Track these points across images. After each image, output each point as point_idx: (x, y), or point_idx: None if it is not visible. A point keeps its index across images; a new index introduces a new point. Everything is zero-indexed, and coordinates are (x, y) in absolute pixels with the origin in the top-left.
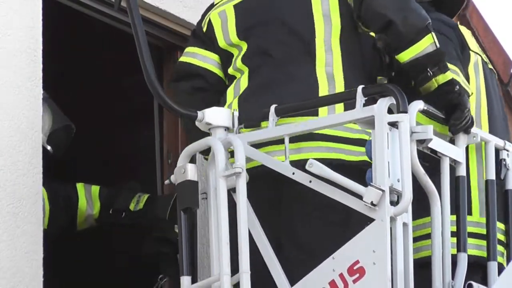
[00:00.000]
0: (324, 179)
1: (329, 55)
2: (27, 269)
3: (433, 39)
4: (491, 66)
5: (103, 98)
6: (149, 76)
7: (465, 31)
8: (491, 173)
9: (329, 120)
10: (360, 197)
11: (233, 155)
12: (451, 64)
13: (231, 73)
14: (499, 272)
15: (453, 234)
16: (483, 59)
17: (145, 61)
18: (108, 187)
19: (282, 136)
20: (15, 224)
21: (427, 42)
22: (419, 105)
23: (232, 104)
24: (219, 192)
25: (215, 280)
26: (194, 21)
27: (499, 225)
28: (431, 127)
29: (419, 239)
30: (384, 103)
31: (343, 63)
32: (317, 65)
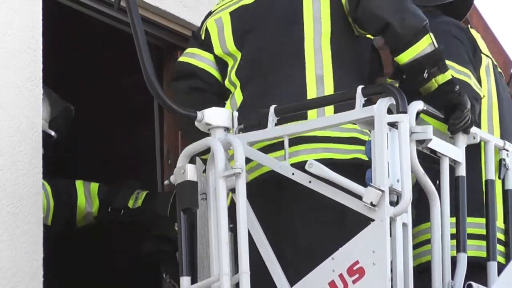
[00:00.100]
0: (323, 180)
1: (318, 57)
2: (27, 269)
3: (431, 40)
4: (500, 69)
5: (103, 98)
6: (149, 76)
7: (476, 34)
8: (491, 173)
9: (329, 120)
10: (359, 198)
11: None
12: (462, 67)
13: (227, 86)
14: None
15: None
16: (493, 62)
17: (145, 62)
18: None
19: (281, 136)
20: (15, 224)
21: (425, 43)
22: (418, 106)
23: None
24: (219, 192)
25: (215, 280)
26: (194, 21)
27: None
28: (430, 127)
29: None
30: (383, 103)
31: (333, 66)
32: (307, 68)
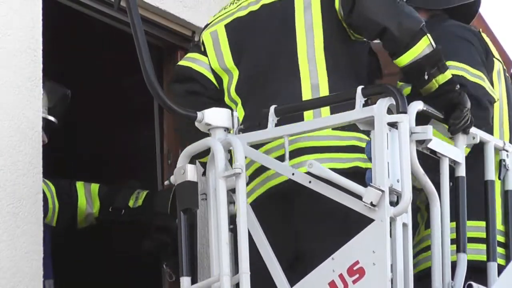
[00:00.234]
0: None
1: (312, 66)
2: (27, 269)
3: (429, 41)
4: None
5: (103, 98)
6: (149, 76)
7: (486, 38)
8: (491, 174)
9: (329, 120)
10: (359, 198)
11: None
12: (476, 69)
13: (227, 103)
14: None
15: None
16: (503, 66)
17: (145, 62)
18: (107, 185)
19: (281, 136)
20: (15, 224)
21: (423, 44)
22: (418, 106)
23: None
24: (219, 192)
25: (215, 280)
26: (194, 21)
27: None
28: (430, 128)
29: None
30: (383, 103)
31: (328, 73)
32: (302, 78)
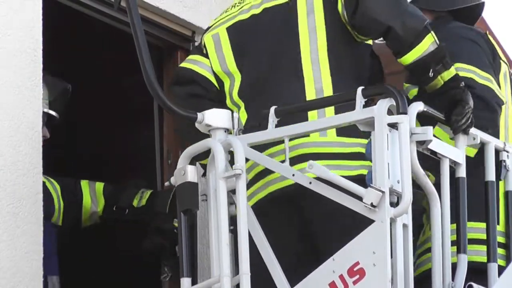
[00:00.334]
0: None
1: (316, 70)
2: (27, 269)
3: (434, 38)
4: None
5: (103, 98)
6: (149, 77)
7: (493, 40)
8: (491, 175)
9: (330, 121)
10: (360, 199)
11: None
12: (485, 72)
13: (229, 106)
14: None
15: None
16: (508, 68)
17: (145, 62)
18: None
19: (281, 137)
20: (15, 224)
21: (428, 42)
22: (418, 107)
23: None
24: (219, 193)
25: (215, 281)
26: (194, 21)
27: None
28: (430, 128)
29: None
30: (384, 104)
31: (332, 77)
32: (306, 82)
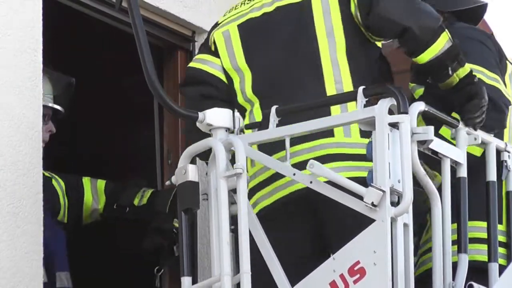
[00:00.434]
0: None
1: (336, 72)
2: (27, 269)
3: (448, 36)
4: None
5: (103, 98)
6: (150, 76)
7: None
8: (492, 175)
9: (330, 120)
10: (360, 198)
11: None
12: (492, 72)
13: (241, 103)
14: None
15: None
16: None
17: (146, 61)
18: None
19: (283, 137)
20: (15, 224)
21: (443, 40)
22: (419, 107)
23: None
24: (220, 192)
25: (216, 280)
26: (194, 21)
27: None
28: (431, 128)
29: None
30: (384, 104)
31: (352, 78)
32: (326, 84)
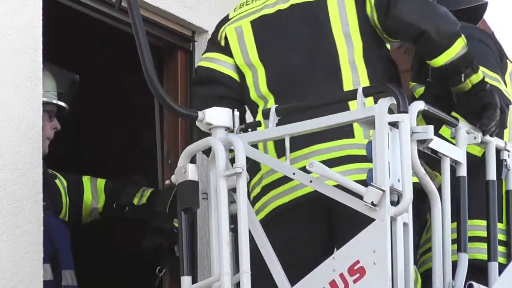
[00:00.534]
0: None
1: (355, 74)
2: (27, 269)
3: (464, 42)
4: None
5: (103, 98)
6: (150, 76)
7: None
8: (492, 174)
9: (330, 120)
10: (360, 197)
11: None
12: (493, 72)
13: (253, 99)
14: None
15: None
16: None
17: (146, 61)
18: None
19: (282, 136)
20: (15, 224)
21: (459, 46)
22: (419, 106)
23: None
24: (220, 192)
25: (216, 280)
26: (194, 21)
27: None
28: (431, 127)
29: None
30: (384, 103)
31: (370, 81)
32: (344, 84)
